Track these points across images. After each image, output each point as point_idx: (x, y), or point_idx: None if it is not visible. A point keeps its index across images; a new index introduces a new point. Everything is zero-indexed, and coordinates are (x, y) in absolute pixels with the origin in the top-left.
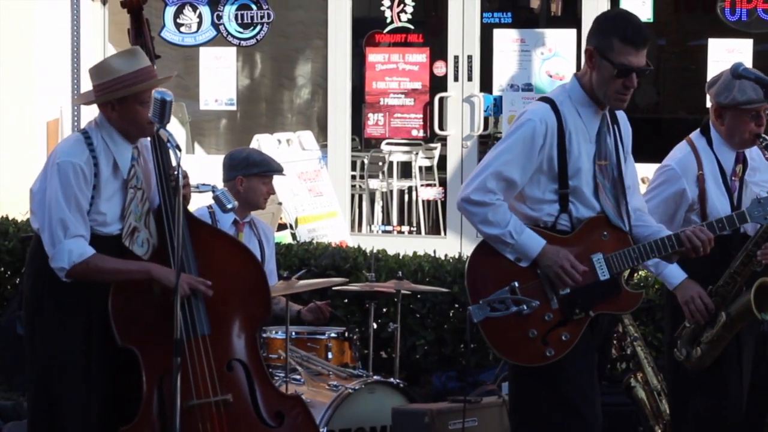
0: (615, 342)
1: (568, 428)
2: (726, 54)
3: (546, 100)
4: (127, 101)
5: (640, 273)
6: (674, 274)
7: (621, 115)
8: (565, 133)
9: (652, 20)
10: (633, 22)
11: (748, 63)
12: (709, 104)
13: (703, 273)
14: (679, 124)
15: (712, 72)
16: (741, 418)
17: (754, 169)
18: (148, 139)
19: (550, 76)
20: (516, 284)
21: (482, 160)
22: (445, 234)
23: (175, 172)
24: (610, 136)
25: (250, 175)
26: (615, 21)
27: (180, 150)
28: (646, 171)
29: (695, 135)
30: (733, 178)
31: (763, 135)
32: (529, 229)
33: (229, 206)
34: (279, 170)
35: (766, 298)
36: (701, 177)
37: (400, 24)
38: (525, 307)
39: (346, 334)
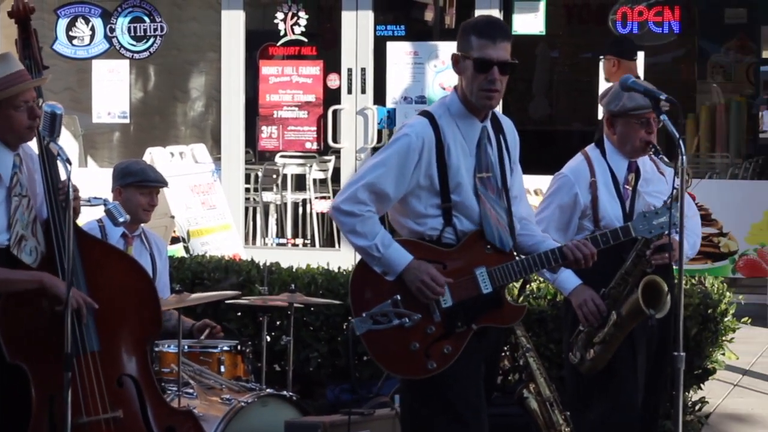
0: (507, 353)
1: None
2: None
3: (425, 114)
4: (1, 106)
5: (531, 285)
6: (568, 280)
7: (508, 124)
8: (443, 147)
9: (544, 33)
10: (489, 18)
11: (640, 74)
12: (601, 116)
13: (597, 279)
14: (572, 135)
15: (603, 84)
16: (636, 424)
17: (646, 180)
18: (35, 150)
19: (444, 89)
20: (398, 297)
21: (358, 170)
22: (339, 246)
23: (66, 186)
24: (492, 147)
25: (127, 186)
26: (470, 22)
27: (70, 164)
28: (540, 183)
29: (590, 147)
30: (625, 186)
31: (653, 143)
32: (401, 243)
33: (121, 220)
34: (157, 181)
35: (654, 295)
36: (593, 183)
37: (293, 37)
38: (407, 320)
39: (239, 348)
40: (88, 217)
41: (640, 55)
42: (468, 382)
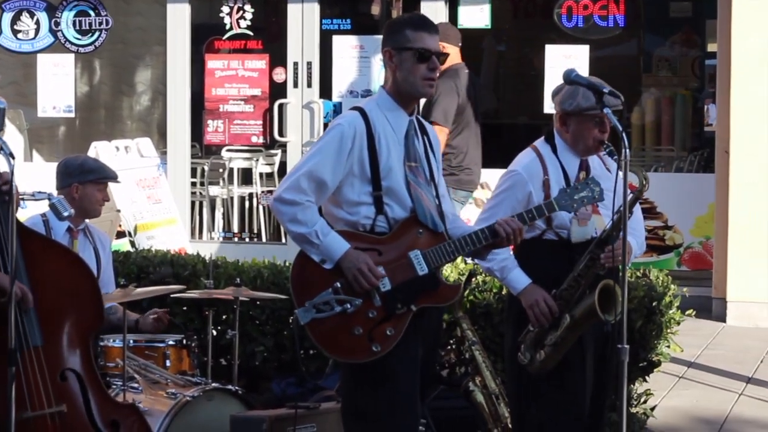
0: (453, 346)
1: (390, 421)
2: (563, 60)
3: (355, 108)
4: None
5: (478, 278)
6: (518, 279)
7: (431, 129)
8: (374, 136)
9: (490, 27)
10: (418, 14)
11: (585, 68)
12: (547, 110)
13: (547, 279)
14: (519, 129)
15: (549, 78)
16: (584, 425)
17: (595, 177)
18: None
19: None
20: (339, 284)
21: (296, 164)
22: (285, 241)
23: (8, 180)
24: (418, 140)
25: (86, 182)
26: (401, 18)
27: (14, 158)
28: (487, 176)
29: (540, 142)
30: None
31: (607, 141)
32: (337, 233)
33: (66, 214)
34: (114, 177)
35: (609, 300)
36: (546, 182)
37: (239, 30)
38: (349, 306)
39: (185, 342)
40: (32, 212)
41: (585, 49)
42: (407, 369)
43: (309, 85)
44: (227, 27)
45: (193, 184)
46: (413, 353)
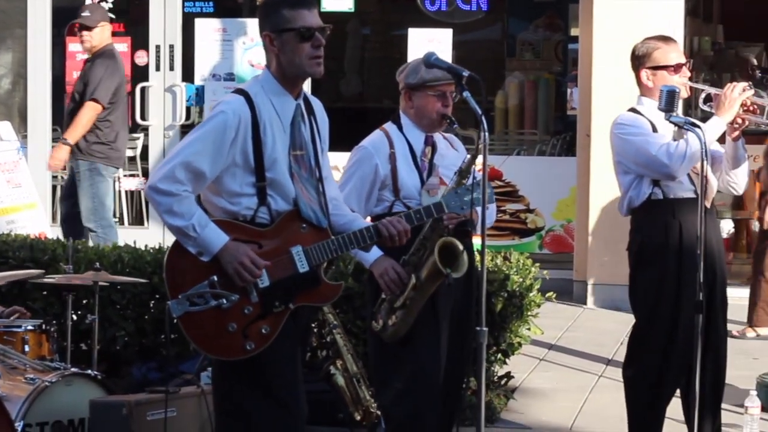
0: (315, 330)
1: (273, 420)
2: (426, 43)
3: (240, 92)
4: None
5: (338, 262)
6: (370, 251)
7: (318, 105)
8: (259, 125)
9: (353, 10)
10: None
11: (448, 52)
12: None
13: (397, 249)
14: (383, 112)
15: None
16: (439, 390)
17: (441, 155)
18: None
19: (252, 66)
20: (215, 278)
21: (173, 148)
22: (147, 224)
23: None
24: (305, 126)
25: None
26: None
27: None
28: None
29: (387, 124)
30: (422, 158)
31: (449, 115)
32: (215, 224)
33: None
34: None
35: (451, 256)
36: (393, 155)
37: None
38: (225, 301)
39: (44, 327)
40: None
41: (449, 33)
42: (286, 363)
43: (171, 68)
44: None
45: None
46: (292, 353)
